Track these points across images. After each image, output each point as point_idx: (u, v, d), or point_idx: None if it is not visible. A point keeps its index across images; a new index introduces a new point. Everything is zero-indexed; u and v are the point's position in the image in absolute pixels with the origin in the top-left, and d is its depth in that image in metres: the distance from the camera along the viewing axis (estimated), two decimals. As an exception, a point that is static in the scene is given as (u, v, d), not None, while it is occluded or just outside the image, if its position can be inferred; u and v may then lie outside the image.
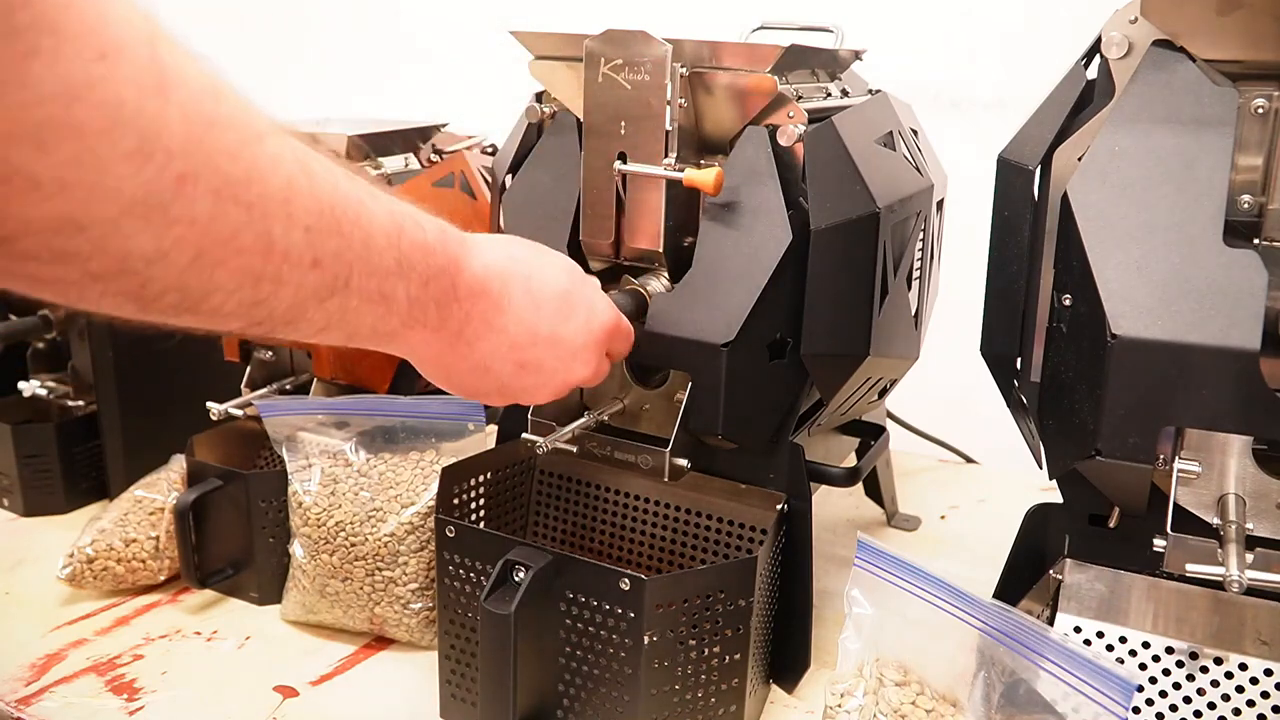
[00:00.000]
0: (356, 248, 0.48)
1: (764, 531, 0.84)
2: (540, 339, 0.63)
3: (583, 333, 0.66)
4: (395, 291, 0.52)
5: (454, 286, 0.57)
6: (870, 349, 0.79)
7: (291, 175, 0.43)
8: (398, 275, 0.52)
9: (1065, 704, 0.61)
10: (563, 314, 0.65)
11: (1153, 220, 0.63)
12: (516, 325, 0.62)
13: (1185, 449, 0.66)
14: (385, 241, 0.50)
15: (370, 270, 0.49)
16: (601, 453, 0.84)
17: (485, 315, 0.60)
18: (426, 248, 0.54)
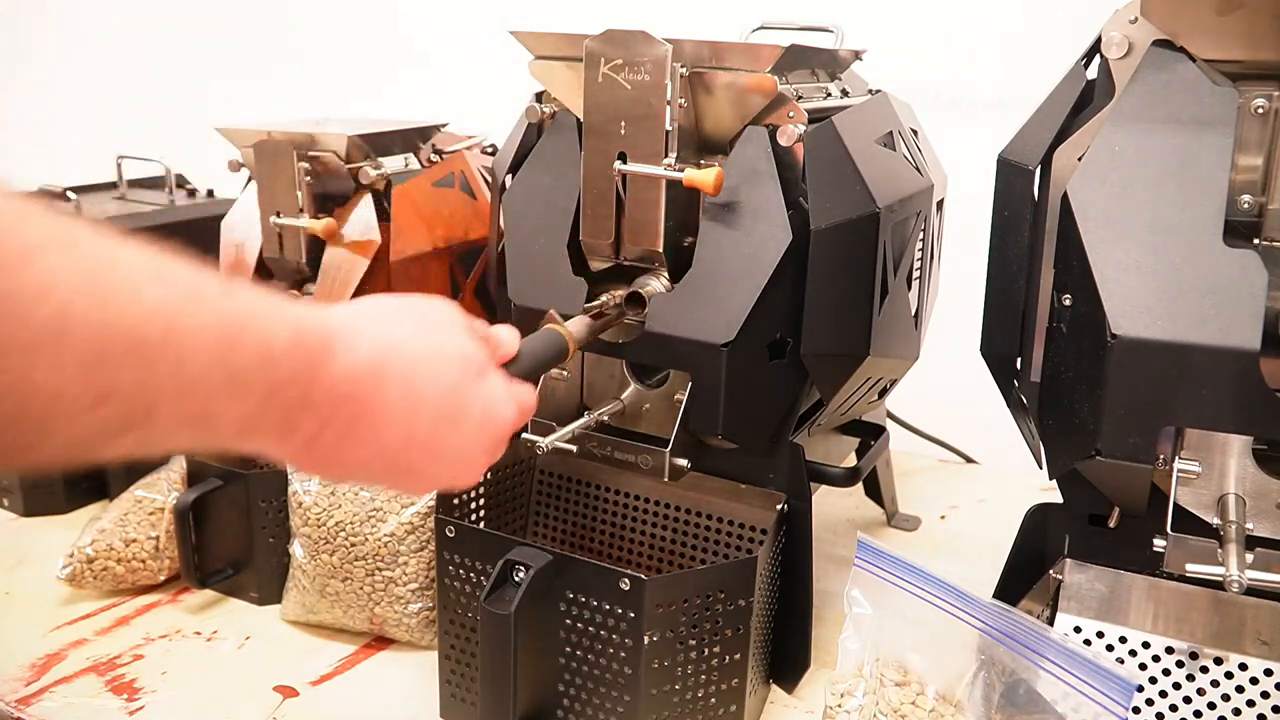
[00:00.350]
0: (162, 374, 0.39)
1: (764, 531, 0.84)
2: (416, 445, 0.53)
3: (471, 439, 0.56)
4: (221, 413, 0.43)
5: (307, 395, 0.47)
6: (870, 349, 0.79)
7: (66, 302, 0.36)
8: (225, 395, 0.43)
9: (1065, 704, 0.61)
10: (448, 419, 0.54)
11: (1153, 220, 0.63)
12: (389, 430, 0.52)
13: (1185, 449, 0.66)
14: (208, 360, 0.41)
15: (183, 396, 0.41)
16: (601, 453, 0.84)
17: (349, 421, 0.50)
18: (270, 358, 0.45)
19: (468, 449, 0.56)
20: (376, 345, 0.51)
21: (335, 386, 0.49)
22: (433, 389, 0.53)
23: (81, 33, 2.19)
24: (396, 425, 0.52)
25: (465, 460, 0.57)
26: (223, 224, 1.06)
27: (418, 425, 0.53)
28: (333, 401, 0.49)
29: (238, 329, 0.43)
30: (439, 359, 0.54)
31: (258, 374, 0.44)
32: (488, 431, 0.57)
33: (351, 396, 0.49)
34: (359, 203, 1.01)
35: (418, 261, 1.02)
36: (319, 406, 0.48)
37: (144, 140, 1.34)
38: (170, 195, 1.27)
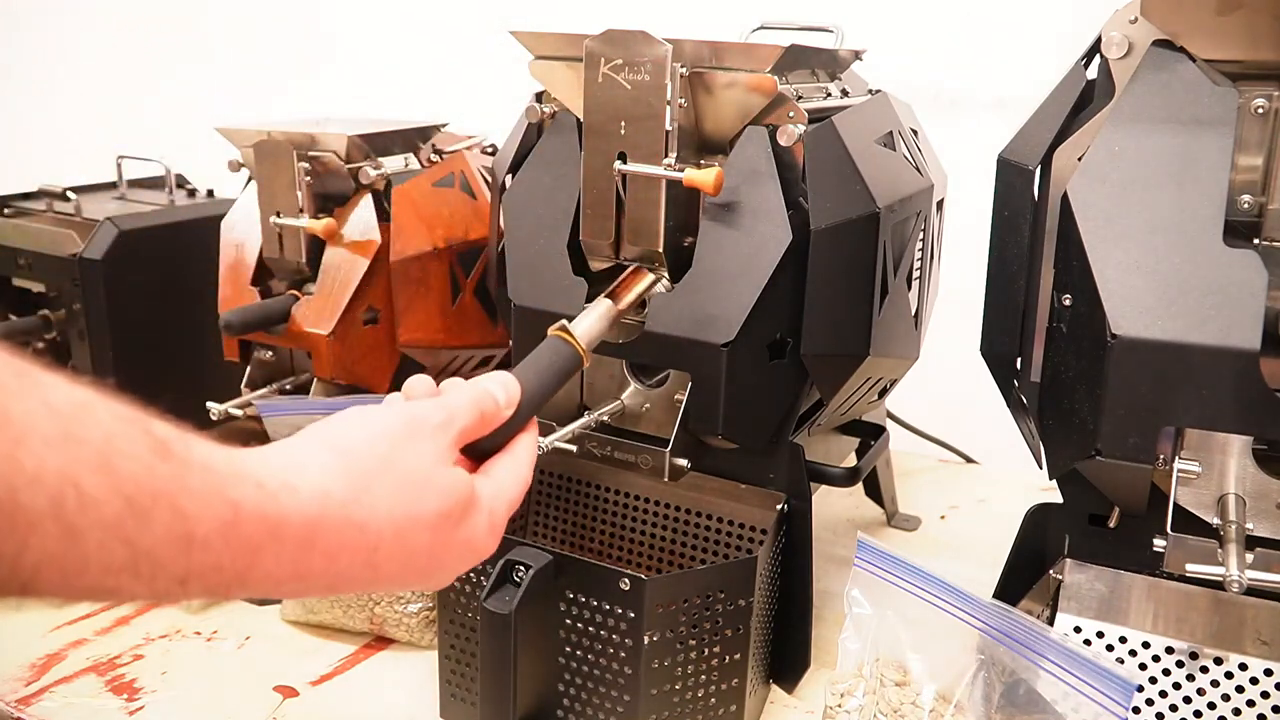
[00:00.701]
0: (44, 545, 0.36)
1: (764, 531, 0.84)
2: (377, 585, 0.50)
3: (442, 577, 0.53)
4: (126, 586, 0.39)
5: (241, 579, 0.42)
6: (870, 349, 0.79)
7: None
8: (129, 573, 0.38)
9: (1065, 704, 0.61)
10: (416, 571, 0.51)
11: (1153, 220, 0.63)
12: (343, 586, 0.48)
13: (1185, 449, 0.66)
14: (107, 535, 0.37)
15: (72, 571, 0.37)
16: (601, 453, 0.84)
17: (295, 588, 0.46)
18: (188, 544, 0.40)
19: (437, 582, 0.54)
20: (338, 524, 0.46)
21: (279, 570, 0.44)
22: (399, 556, 0.49)
23: (82, 33, 2.19)
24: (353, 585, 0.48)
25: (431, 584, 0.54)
26: (223, 224, 1.06)
27: (377, 584, 0.50)
28: (274, 581, 0.44)
29: (152, 506, 0.38)
30: (412, 528, 0.49)
31: (173, 558, 0.39)
32: (462, 567, 0.54)
33: (296, 576, 0.45)
34: (359, 203, 1.01)
35: (418, 261, 1.02)
36: (256, 585, 0.43)
37: (144, 140, 1.34)
38: (170, 195, 1.27)
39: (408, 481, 0.50)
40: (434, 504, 0.50)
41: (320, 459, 0.47)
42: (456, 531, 0.52)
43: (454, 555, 0.52)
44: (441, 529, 0.51)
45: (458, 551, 0.53)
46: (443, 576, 0.53)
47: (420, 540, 0.50)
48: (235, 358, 1.07)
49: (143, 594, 0.40)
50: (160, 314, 1.16)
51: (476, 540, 0.54)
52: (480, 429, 0.56)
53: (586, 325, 0.69)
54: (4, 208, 1.23)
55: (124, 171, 1.31)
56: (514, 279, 0.85)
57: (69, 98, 2.18)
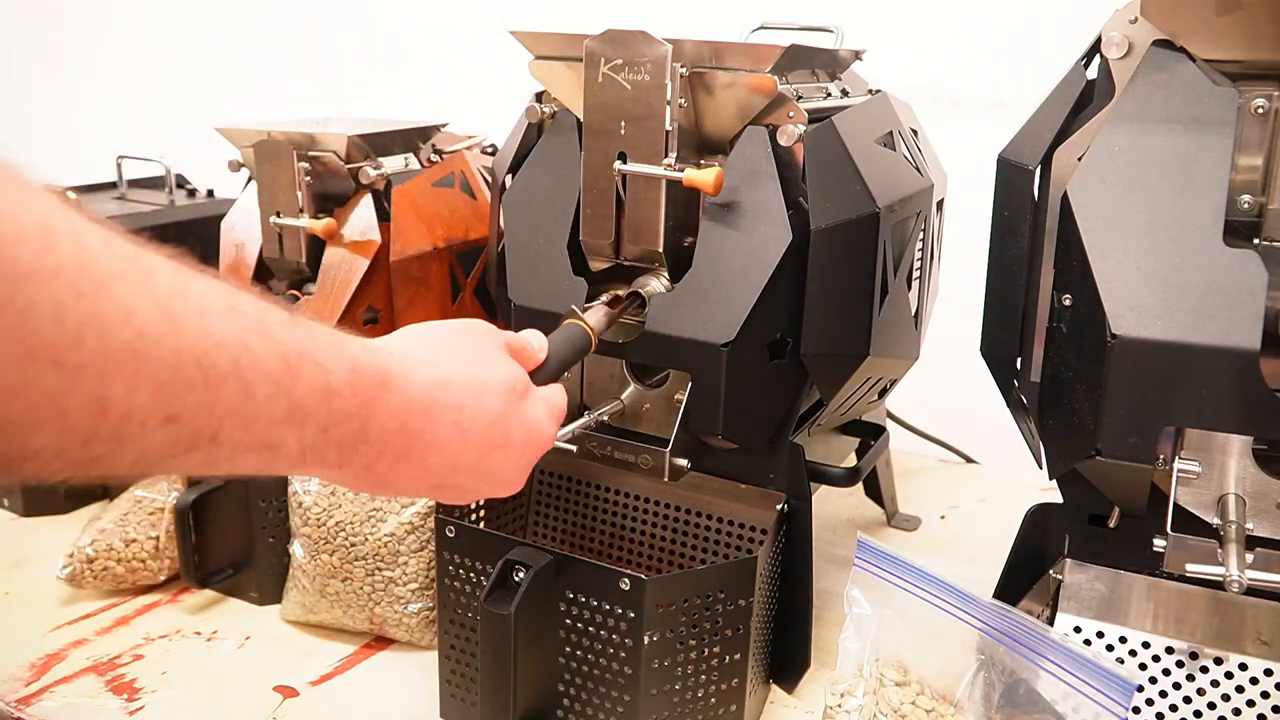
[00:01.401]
0: (229, 399, 0.42)
1: (764, 531, 0.84)
2: (463, 469, 0.57)
3: (513, 459, 0.60)
4: (283, 439, 0.46)
5: (364, 429, 0.50)
6: (870, 349, 0.79)
7: (145, 326, 0.38)
8: (287, 423, 0.45)
9: (1065, 704, 0.61)
10: (494, 443, 0.58)
11: (1153, 220, 0.63)
12: (438, 459, 0.55)
13: (1185, 449, 0.66)
14: (272, 389, 0.44)
15: (248, 422, 0.43)
16: (601, 453, 0.84)
17: (401, 452, 0.53)
18: (329, 391, 0.47)
19: (510, 469, 0.60)
20: (427, 382, 0.54)
21: (389, 422, 0.51)
22: (480, 420, 0.56)
23: (81, 33, 2.19)
24: (444, 455, 0.55)
25: (508, 479, 0.60)
26: (223, 224, 1.06)
27: (465, 454, 0.56)
28: (387, 435, 0.51)
29: (299, 362, 0.45)
30: (485, 391, 0.57)
31: (318, 406, 0.47)
32: (529, 451, 0.61)
33: (403, 430, 0.52)
34: (359, 203, 1.01)
35: (418, 261, 1.02)
36: (374, 441, 0.51)
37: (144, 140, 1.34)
38: (170, 195, 1.27)
39: (475, 357, 0.58)
40: (501, 374, 0.59)
41: (400, 340, 0.57)
42: (523, 405, 0.60)
43: (523, 431, 0.59)
44: (510, 398, 0.59)
45: (526, 428, 0.60)
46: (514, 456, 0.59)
47: (494, 405, 0.57)
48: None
49: (293, 448, 0.46)
50: (160, 314, 1.15)
51: (539, 421, 0.61)
52: (518, 357, 0.63)
53: (595, 317, 0.75)
54: (4, 208, 1.23)
55: (124, 171, 1.31)
56: (514, 279, 0.85)
57: (69, 98, 2.18)
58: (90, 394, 0.36)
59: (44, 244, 0.34)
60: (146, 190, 1.32)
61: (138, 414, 0.38)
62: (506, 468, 0.60)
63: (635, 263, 0.82)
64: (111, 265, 0.37)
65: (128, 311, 0.37)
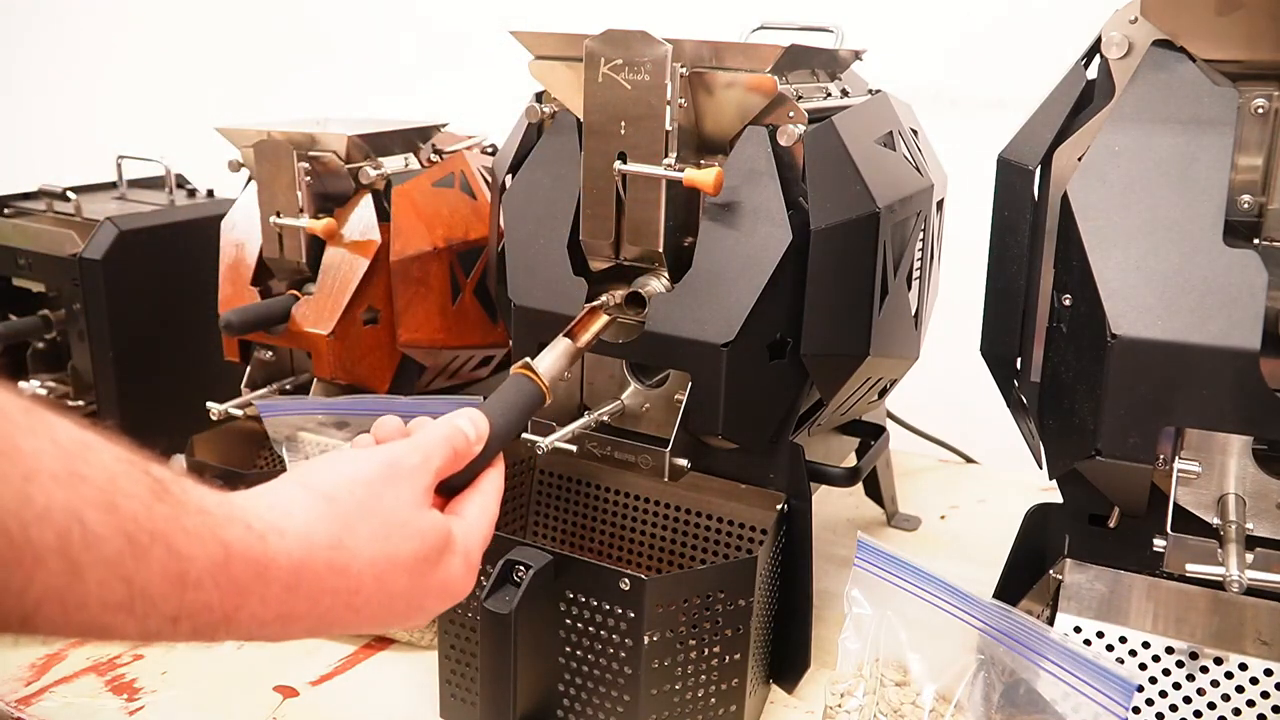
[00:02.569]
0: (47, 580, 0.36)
1: (764, 531, 0.84)
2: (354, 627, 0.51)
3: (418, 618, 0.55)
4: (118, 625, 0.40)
5: (227, 620, 0.43)
6: (870, 349, 0.79)
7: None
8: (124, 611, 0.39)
9: (1065, 704, 0.61)
10: (395, 613, 0.52)
11: (1153, 220, 0.63)
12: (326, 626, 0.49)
13: (1185, 449, 0.66)
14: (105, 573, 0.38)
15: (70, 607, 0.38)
16: (601, 453, 0.84)
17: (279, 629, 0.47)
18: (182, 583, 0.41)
19: (416, 622, 0.55)
20: (321, 567, 0.47)
21: (263, 611, 0.45)
22: (378, 599, 0.51)
23: (82, 32, 2.19)
24: (335, 626, 0.50)
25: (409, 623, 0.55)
26: (223, 224, 1.06)
27: (359, 625, 0.51)
28: (258, 623, 0.45)
29: (150, 545, 0.39)
30: (391, 570, 0.51)
31: (166, 597, 0.40)
32: (438, 608, 0.55)
33: (281, 618, 0.46)
34: (359, 203, 1.01)
35: (418, 261, 1.02)
36: (240, 626, 0.44)
37: (144, 140, 1.34)
38: (170, 195, 1.27)
39: (387, 526, 0.51)
40: (412, 547, 0.52)
41: (304, 503, 0.49)
42: (434, 573, 0.54)
43: (432, 597, 0.54)
44: (419, 572, 0.53)
45: (435, 593, 0.54)
46: (420, 618, 0.54)
47: (399, 583, 0.51)
48: (235, 358, 1.07)
49: (134, 633, 0.40)
50: (160, 314, 1.16)
51: (453, 581, 0.55)
52: (453, 466, 0.58)
53: (548, 363, 0.69)
54: (4, 208, 1.23)
55: (124, 171, 1.31)
56: (514, 279, 0.85)
57: (69, 98, 2.18)
58: None
59: None
60: (146, 190, 1.32)
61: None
62: (410, 623, 0.55)
63: (635, 263, 0.82)
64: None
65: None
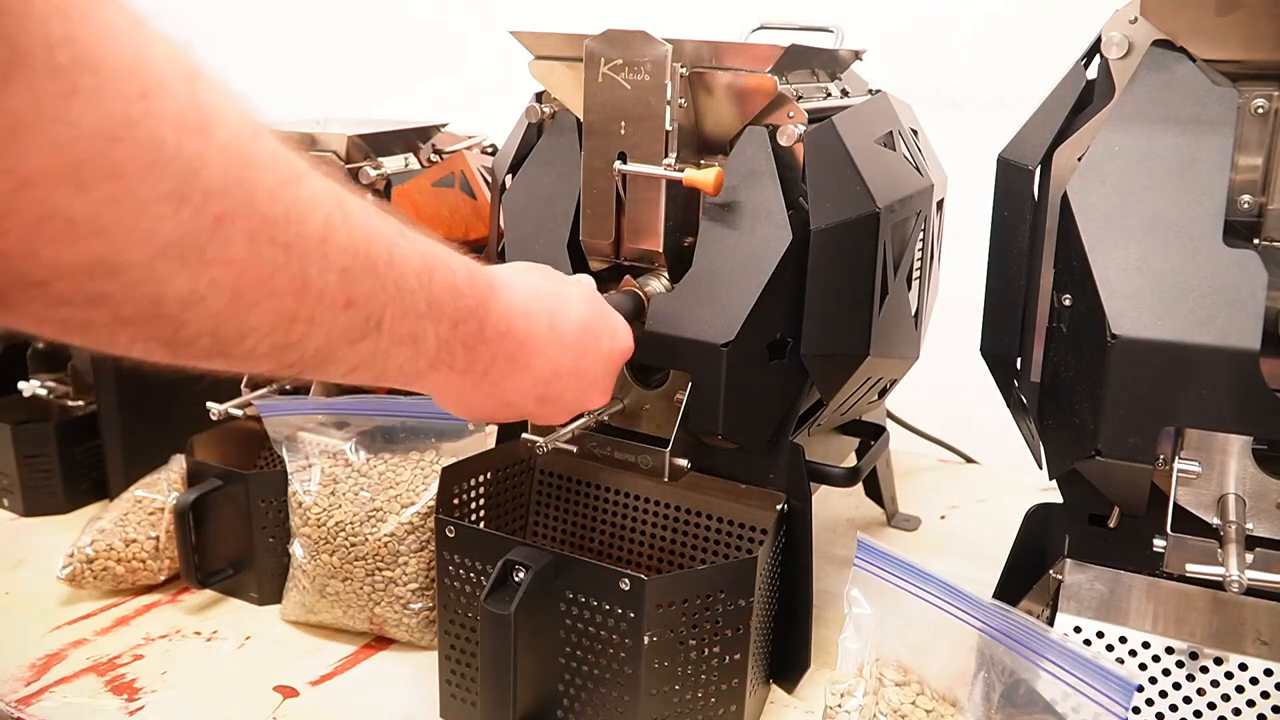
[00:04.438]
0: (390, 289, 0.47)
1: (764, 531, 0.84)
2: (563, 373, 0.63)
3: (603, 362, 0.67)
4: (425, 333, 0.51)
5: (481, 328, 0.56)
6: (870, 349, 0.79)
7: (329, 215, 0.43)
8: (428, 317, 0.51)
9: (1065, 704, 0.61)
10: (584, 346, 0.65)
11: (1153, 220, 0.63)
12: (541, 362, 0.62)
13: (1185, 449, 0.66)
14: (417, 283, 0.50)
15: (402, 311, 0.49)
16: (601, 453, 0.84)
17: (511, 354, 0.59)
18: (456, 290, 0.53)
19: (600, 374, 0.67)
20: (524, 291, 0.61)
21: (500, 323, 0.58)
22: (568, 324, 0.63)
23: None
24: (545, 359, 0.62)
25: (599, 384, 0.68)
26: (223, 224, 1.06)
27: (562, 357, 0.63)
28: (499, 336, 0.58)
29: (433, 260, 0.51)
30: (570, 300, 0.65)
31: (449, 302, 0.53)
32: (614, 355, 0.68)
33: (510, 333, 0.59)
34: (359, 203, 1.01)
35: (418, 261, 1.01)
36: (489, 340, 0.57)
37: (144, 140, 1.34)
38: (170, 195, 1.27)
39: (554, 275, 0.67)
40: (579, 288, 0.67)
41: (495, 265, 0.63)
42: (605, 314, 0.68)
43: (607, 335, 0.67)
44: (591, 305, 0.67)
45: (609, 332, 0.68)
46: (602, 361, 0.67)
47: (579, 311, 0.65)
48: (235, 358, 1.07)
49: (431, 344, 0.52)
50: (160, 314, 1.16)
51: (619, 327, 0.69)
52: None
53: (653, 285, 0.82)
54: (4, 208, 1.23)
55: (124, 171, 1.31)
56: (514, 279, 0.85)
57: (69, 98, 2.18)
58: (295, 272, 0.41)
59: (256, 136, 0.39)
60: (146, 190, 1.32)
61: (328, 295, 0.43)
62: (597, 372, 0.66)
63: (635, 263, 0.82)
64: (298, 164, 0.42)
65: (316, 201, 0.42)
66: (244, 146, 0.38)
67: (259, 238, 0.39)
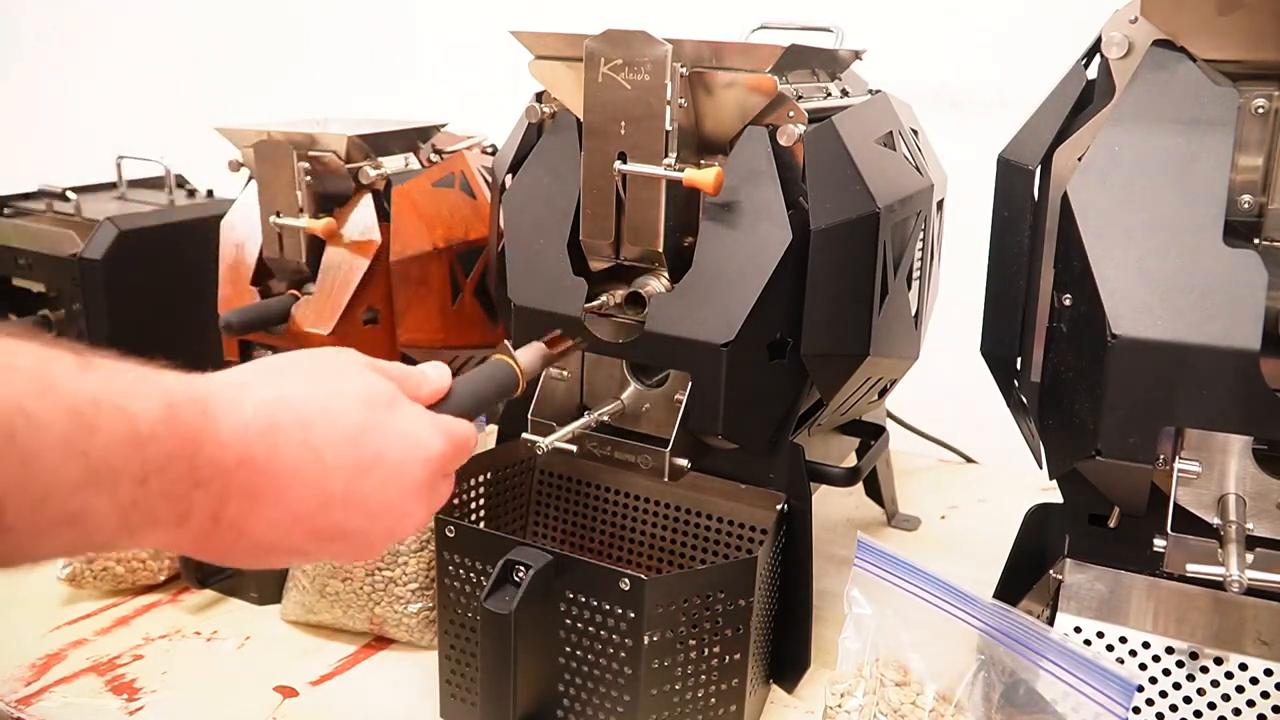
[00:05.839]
0: (9, 475, 0.37)
1: (764, 531, 0.84)
2: (335, 501, 0.48)
3: (394, 481, 0.50)
4: (90, 508, 0.40)
5: (193, 470, 0.43)
6: (870, 349, 0.79)
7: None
8: (90, 487, 0.39)
9: (1065, 704, 0.61)
10: (361, 464, 0.49)
11: (1153, 220, 0.63)
12: (298, 490, 0.47)
13: (1185, 449, 0.66)
14: (62, 453, 0.38)
15: (37, 498, 0.38)
16: (601, 453, 0.84)
17: (250, 490, 0.45)
18: (137, 438, 0.41)
19: (395, 494, 0.50)
20: (263, 402, 0.47)
21: (223, 455, 0.44)
22: (334, 436, 0.48)
23: (82, 33, 2.19)
24: (304, 485, 0.47)
25: (397, 508, 0.51)
26: (223, 224, 1.06)
27: (329, 480, 0.48)
28: (225, 472, 0.44)
29: (94, 413, 0.39)
30: (337, 401, 0.49)
31: (127, 459, 0.40)
32: (413, 470, 0.51)
33: (244, 462, 0.45)
34: (359, 203, 1.01)
35: (418, 261, 1.01)
36: (210, 481, 0.44)
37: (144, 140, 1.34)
38: (170, 195, 1.27)
39: (320, 371, 0.50)
40: (358, 384, 0.50)
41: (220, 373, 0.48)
42: (391, 416, 0.50)
43: (397, 446, 0.50)
44: (372, 406, 0.50)
45: (399, 441, 0.50)
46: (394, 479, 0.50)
47: (351, 416, 0.49)
48: (235, 358, 1.07)
49: (108, 515, 0.40)
50: (160, 314, 1.16)
51: (418, 431, 0.52)
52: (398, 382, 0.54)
53: (527, 356, 0.67)
54: (4, 208, 1.23)
55: (124, 171, 1.31)
56: (514, 279, 0.85)
57: (69, 98, 2.18)
58: None
59: None
60: (146, 190, 1.32)
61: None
62: (390, 495, 0.50)
63: (635, 263, 0.82)
64: None
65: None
66: None
67: None
